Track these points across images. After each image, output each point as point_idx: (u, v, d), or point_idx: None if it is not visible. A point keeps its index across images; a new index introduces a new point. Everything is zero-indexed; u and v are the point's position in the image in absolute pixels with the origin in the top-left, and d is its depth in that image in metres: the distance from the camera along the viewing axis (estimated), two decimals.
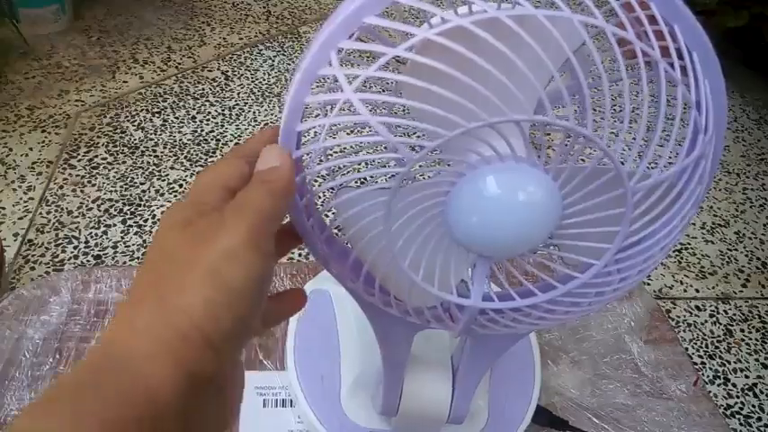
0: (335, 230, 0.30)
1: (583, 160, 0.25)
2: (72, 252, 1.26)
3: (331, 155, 0.27)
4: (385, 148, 0.24)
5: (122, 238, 1.30)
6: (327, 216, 0.30)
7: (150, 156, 1.51)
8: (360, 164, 0.26)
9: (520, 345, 0.47)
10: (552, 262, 0.29)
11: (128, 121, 1.60)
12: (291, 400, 0.50)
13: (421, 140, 0.24)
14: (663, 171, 0.25)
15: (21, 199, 1.37)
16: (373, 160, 0.26)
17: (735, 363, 1.23)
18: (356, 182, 0.27)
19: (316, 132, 0.25)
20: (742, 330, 1.30)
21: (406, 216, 0.26)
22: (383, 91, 0.26)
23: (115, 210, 1.36)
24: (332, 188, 0.27)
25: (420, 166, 0.25)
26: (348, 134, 0.27)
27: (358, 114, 0.23)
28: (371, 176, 0.26)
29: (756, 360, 1.24)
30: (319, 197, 0.28)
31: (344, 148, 0.27)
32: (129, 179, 1.44)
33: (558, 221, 0.26)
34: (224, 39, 1.93)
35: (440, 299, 0.30)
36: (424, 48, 0.22)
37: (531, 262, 0.29)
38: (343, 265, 0.30)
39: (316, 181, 0.28)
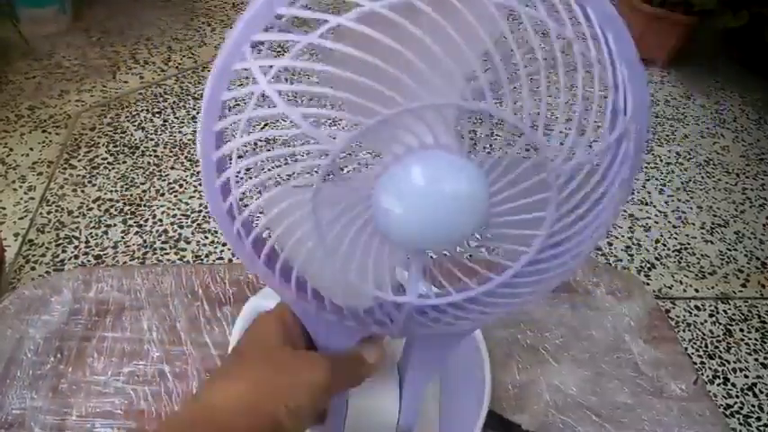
0: (264, 231, 0.29)
1: (510, 146, 0.24)
2: (72, 252, 1.26)
3: (255, 148, 0.26)
4: (308, 141, 0.23)
5: (123, 237, 1.30)
6: (254, 219, 0.29)
7: (151, 156, 1.51)
8: (283, 159, 0.25)
9: (469, 350, 0.47)
10: (488, 254, 0.28)
11: (128, 121, 1.61)
12: None
13: (341, 132, 0.23)
14: (586, 152, 0.24)
15: (21, 199, 1.37)
16: (296, 155, 0.24)
17: (734, 362, 1.23)
18: (281, 177, 0.26)
19: (233, 133, 0.24)
20: (741, 330, 1.30)
21: (334, 211, 0.25)
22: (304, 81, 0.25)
23: (116, 210, 1.36)
24: (256, 186, 0.26)
25: (344, 157, 0.23)
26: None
27: (274, 107, 0.22)
28: (297, 172, 0.25)
29: (756, 360, 1.24)
30: (246, 196, 0.27)
31: (270, 145, 0.25)
32: (129, 179, 1.44)
33: (486, 211, 0.26)
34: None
35: (375, 297, 0.29)
36: (340, 35, 0.21)
37: (464, 256, 0.28)
38: (272, 269, 0.29)
39: (242, 179, 0.27)
